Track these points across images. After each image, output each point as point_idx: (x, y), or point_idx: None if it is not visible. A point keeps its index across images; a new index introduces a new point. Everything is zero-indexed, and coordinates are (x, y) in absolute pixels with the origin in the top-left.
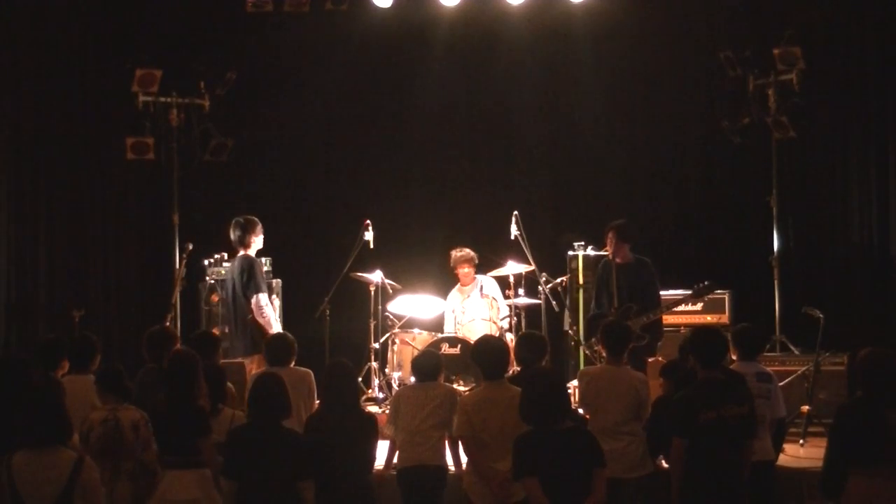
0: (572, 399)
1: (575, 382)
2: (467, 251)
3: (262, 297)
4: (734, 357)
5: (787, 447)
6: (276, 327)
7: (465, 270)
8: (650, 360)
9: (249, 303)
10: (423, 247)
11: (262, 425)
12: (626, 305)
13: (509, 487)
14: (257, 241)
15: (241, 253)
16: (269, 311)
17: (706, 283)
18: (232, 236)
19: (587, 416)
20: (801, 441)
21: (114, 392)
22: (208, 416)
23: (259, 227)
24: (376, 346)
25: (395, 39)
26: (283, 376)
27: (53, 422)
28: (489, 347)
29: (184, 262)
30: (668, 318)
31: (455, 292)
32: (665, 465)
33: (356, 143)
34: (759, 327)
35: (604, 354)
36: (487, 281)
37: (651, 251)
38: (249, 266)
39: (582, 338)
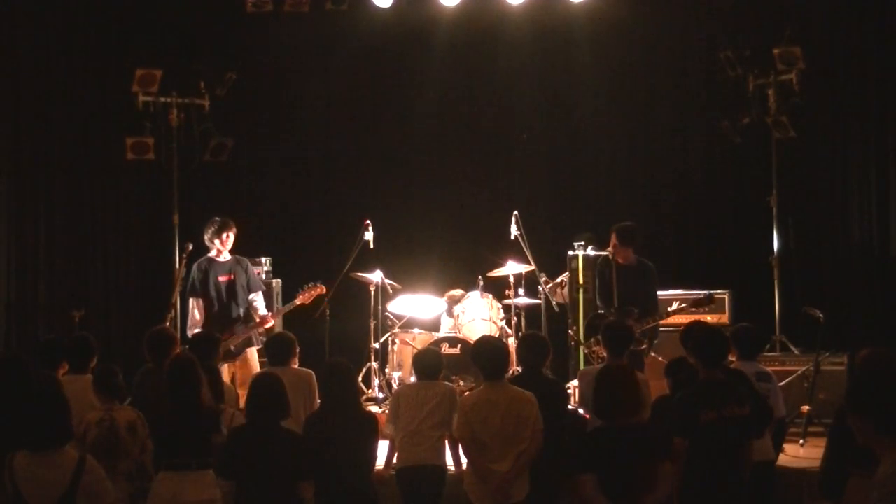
0: (572, 399)
1: (575, 382)
2: (454, 298)
3: (189, 302)
4: (733, 357)
5: (787, 447)
6: (192, 331)
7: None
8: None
9: None
10: (423, 247)
11: (261, 426)
12: (627, 308)
13: (508, 489)
14: (217, 243)
15: None
16: (192, 314)
17: (706, 294)
18: None
19: (587, 416)
20: (801, 441)
21: (108, 391)
22: (216, 414)
23: (219, 229)
24: (376, 346)
25: (395, 39)
26: (284, 376)
27: (56, 423)
28: (489, 347)
29: (184, 262)
30: (668, 319)
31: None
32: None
33: (356, 142)
34: (759, 327)
35: (602, 355)
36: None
37: (651, 251)
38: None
39: (582, 337)
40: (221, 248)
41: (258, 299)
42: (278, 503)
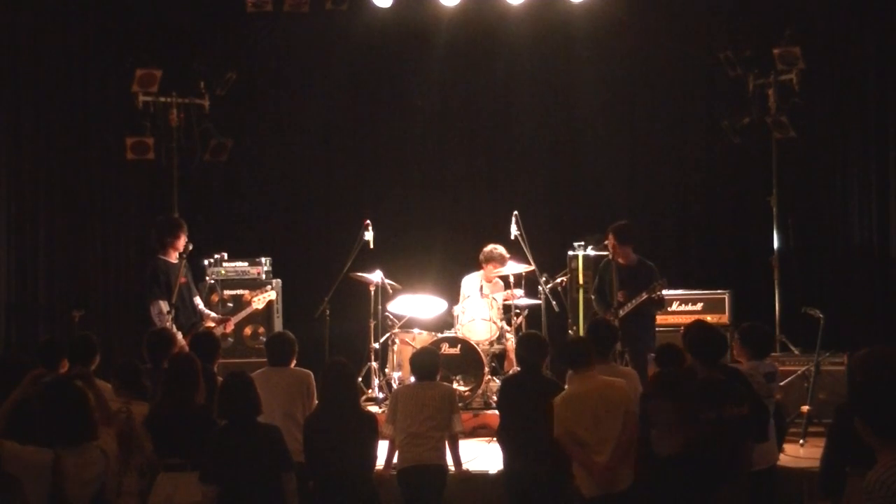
0: None
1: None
2: (500, 252)
3: (155, 306)
4: (740, 358)
5: (787, 447)
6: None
7: (492, 270)
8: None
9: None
10: (423, 247)
11: (238, 425)
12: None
13: (611, 477)
14: (176, 244)
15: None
16: (163, 319)
17: (660, 282)
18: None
19: None
20: (801, 441)
21: (129, 389)
22: (212, 415)
23: (177, 230)
24: (376, 346)
25: (395, 39)
26: (283, 377)
27: (85, 419)
28: (572, 339)
29: (183, 261)
30: (668, 318)
31: (475, 277)
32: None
33: (356, 143)
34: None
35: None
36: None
37: (651, 251)
38: (149, 271)
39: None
40: (170, 249)
41: (199, 301)
42: (264, 499)
